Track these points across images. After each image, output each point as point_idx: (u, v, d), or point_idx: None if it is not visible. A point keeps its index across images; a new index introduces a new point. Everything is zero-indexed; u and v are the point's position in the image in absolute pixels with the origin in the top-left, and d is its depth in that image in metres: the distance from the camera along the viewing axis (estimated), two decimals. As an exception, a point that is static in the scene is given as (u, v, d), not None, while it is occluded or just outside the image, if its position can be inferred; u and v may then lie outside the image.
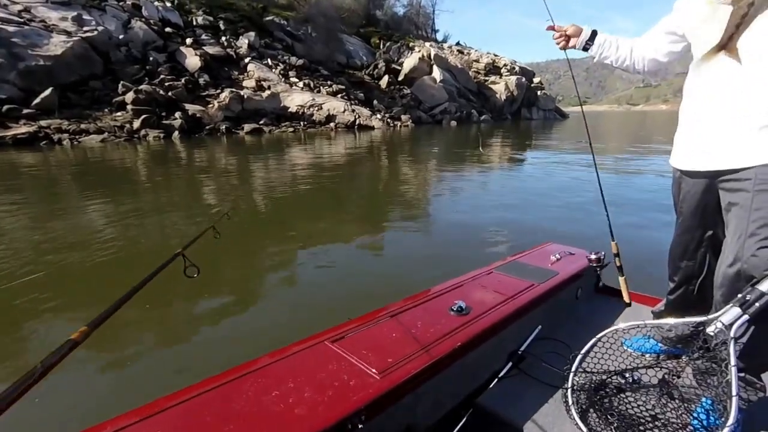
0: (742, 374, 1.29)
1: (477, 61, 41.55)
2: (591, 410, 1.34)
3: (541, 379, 1.53)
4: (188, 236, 4.35)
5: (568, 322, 1.99)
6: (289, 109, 24.31)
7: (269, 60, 27.18)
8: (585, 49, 1.70)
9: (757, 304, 1.13)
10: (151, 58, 21.97)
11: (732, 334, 1.15)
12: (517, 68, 42.50)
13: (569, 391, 1.35)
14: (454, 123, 31.13)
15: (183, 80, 21.45)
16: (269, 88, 24.55)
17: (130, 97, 18.54)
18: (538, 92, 45.09)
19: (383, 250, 4.71)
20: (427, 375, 1.25)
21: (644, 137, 22.25)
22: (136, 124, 17.89)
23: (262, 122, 22.24)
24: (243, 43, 26.93)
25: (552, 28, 1.77)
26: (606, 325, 1.97)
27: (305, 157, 12.65)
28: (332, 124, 24.57)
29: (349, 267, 4.11)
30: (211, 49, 24.54)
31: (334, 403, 1.05)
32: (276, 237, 5.19)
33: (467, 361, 1.42)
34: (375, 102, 29.05)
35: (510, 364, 1.58)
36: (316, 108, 24.89)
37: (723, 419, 1.08)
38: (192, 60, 23.23)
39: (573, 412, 1.30)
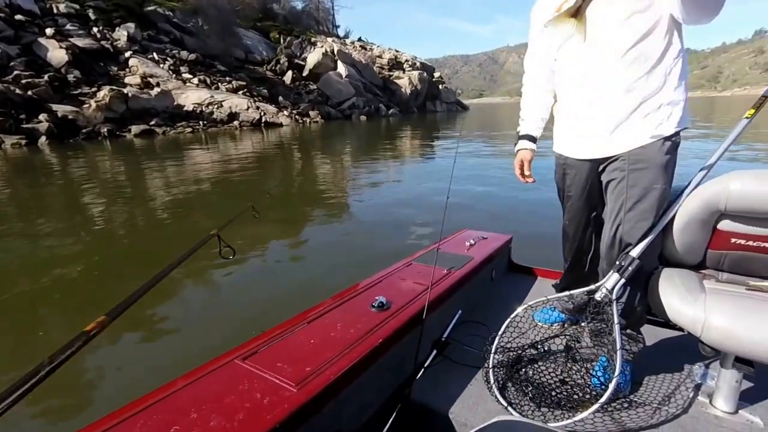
0: (626, 330, 1.46)
1: (380, 56, 41.97)
2: (509, 384, 1.42)
3: (465, 363, 1.57)
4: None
5: (485, 303, 2.06)
6: (185, 108, 21.98)
7: (155, 54, 24.30)
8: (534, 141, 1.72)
9: (630, 268, 1.33)
10: (-1, 51, 18.20)
11: (613, 296, 1.33)
12: (418, 63, 43.81)
13: (490, 370, 1.43)
14: (363, 117, 31.00)
15: (46, 77, 18.10)
16: (158, 85, 21.93)
17: (-27, 97, 15.09)
18: (440, 86, 46.97)
19: (302, 252, 4.37)
20: (350, 377, 1.21)
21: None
22: (-15, 129, 14.62)
23: (153, 123, 19.73)
24: (121, 35, 23.69)
25: (527, 177, 1.73)
26: (519, 301, 2.04)
27: (208, 159, 11.37)
28: (236, 123, 22.82)
29: (261, 274, 3.72)
30: (80, 42, 21.14)
31: (245, 427, 0.96)
32: (183, 246, 4.40)
33: (392, 356, 1.39)
34: (280, 98, 27.72)
35: (434, 352, 1.58)
36: (216, 106, 22.90)
37: (613, 372, 1.22)
38: (56, 53, 19.76)
39: (494, 389, 1.37)
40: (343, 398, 1.19)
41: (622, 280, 1.33)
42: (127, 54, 22.86)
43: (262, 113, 23.98)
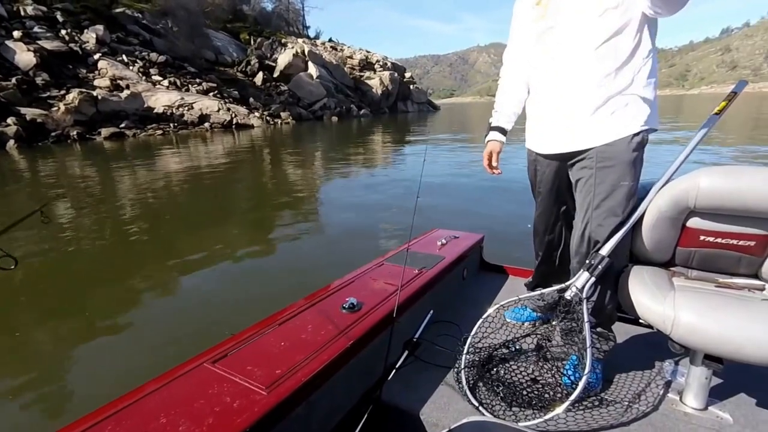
0: (597, 329, 1.48)
1: (351, 57, 42.31)
2: (480, 384, 1.43)
3: (436, 363, 1.57)
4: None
5: (457, 303, 2.07)
6: (155, 110, 22.30)
7: (125, 56, 24.48)
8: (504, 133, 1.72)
9: (600, 267, 1.33)
10: (-36, 54, 18.24)
11: (584, 295, 1.35)
12: (389, 64, 44.28)
13: (462, 370, 1.43)
14: (335, 119, 31.32)
15: (14, 80, 18.27)
16: (128, 87, 22.19)
17: (-61, 101, 15.23)
18: (411, 86, 47.68)
19: (274, 254, 4.39)
20: (321, 380, 1.21)
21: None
22: (-47, 133, 14.81)
23: (123, 125, 20.05)
24: (90, 37, 23.80)
25: (492, 169, 1.73)
26: (491, 300, 2.07)
27: (180, 162, 11.51)
28: (207, 125, 23.16)
29: (234, 276, 3.77)
30: (48, 44, 21.24)
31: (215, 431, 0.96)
32: (153, 251, 4.57)
33: (362, 357, 1.39)
34: (251, 100, 28.04)
35: (406, 352, 1.57)
36: (187, 108, 23.23)
37: (584, 371, 1.23)
38: (24, 56, 19.88)
39: (465, 389, 1.38)
40: (313, 401, 1.18)
41: (593, 279, 1.34)
42: (96, 56, 23.00)
43: (233, 115, 24.35)
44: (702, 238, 1.32)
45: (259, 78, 31.45)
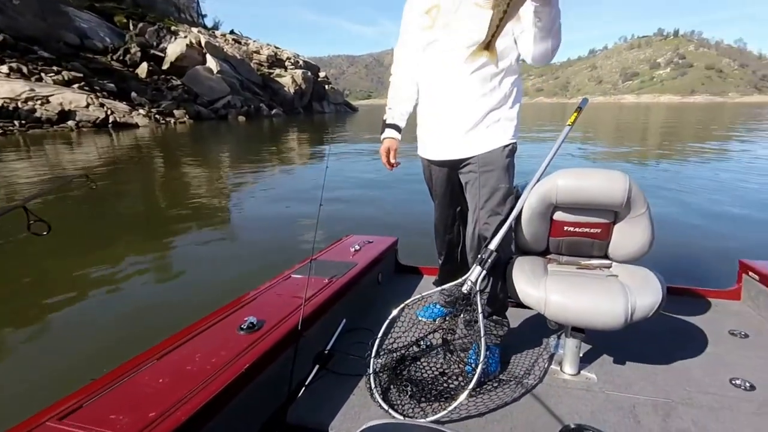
0: (493, 317, 1.64)
1: (257, 52, 38.96)
2: (392, 386, 1.41)
3: (350, 372, 1.51)
4: None
5: (372, 308, 2.01)
6: (-12, 104, 16.45)
7: (-63, 32, 17.90)
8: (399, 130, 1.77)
9: (489, 260, 1.46)
10: None
11: (477, 287, 1.45)
12: (301, 62, 41.62)
13: (371, 375, 1.40)
14: (242, 118, 28.07)
15: None
16: (-58, 72, 16.01)
17: None
18: (327, 86, 45.29)
19: (161, 276, 3.77)
20: (209, 414, 1.07)
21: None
22: None
23: (-68, 123, 14.19)
24: None
25: (391, 164, 1.78)
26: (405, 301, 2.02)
27: (31, 169, 8.79)
28: (72, 123, 18.41)
29: (109, 307, 3.01)
30: None
31: None
32: None
33: (264, 380, 1.27)
34: (134, 94, 23.51)
35: (317, 366, 1.51)
36: (40, 101, 18.03)
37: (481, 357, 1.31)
38: None
39: (375, 394, 1.35)
40: None
41: (484, 272, 1.45)
42: None
43: (109, 112, 19.64)
44: (565, 228, 1.52)
45: (143, 69, 26.28)
